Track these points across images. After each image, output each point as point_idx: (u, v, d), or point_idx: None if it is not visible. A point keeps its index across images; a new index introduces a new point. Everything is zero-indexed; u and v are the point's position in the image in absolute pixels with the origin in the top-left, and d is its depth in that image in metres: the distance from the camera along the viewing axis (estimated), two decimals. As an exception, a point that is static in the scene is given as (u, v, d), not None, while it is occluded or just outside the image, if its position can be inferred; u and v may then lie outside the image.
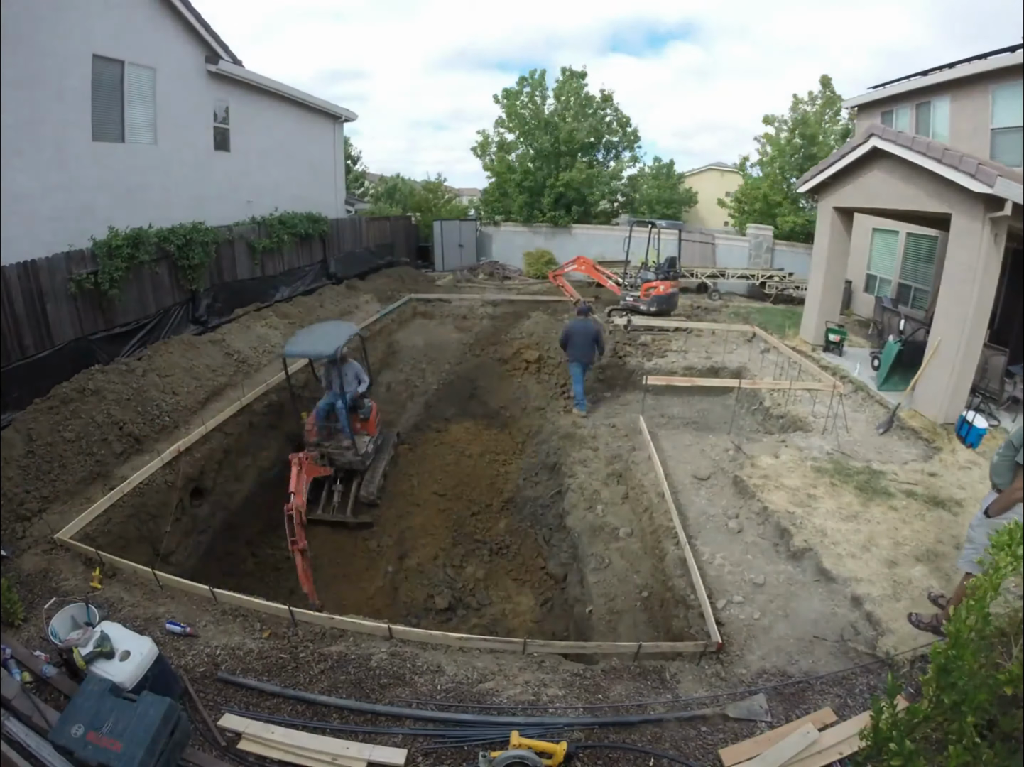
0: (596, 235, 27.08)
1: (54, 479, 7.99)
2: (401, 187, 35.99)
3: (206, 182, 15.32)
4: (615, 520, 9.01)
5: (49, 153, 10.82)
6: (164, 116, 13.61)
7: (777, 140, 24.75)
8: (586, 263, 19.51)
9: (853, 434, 10.10)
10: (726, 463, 9.29)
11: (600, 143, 27.91)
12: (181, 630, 5.76)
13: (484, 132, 28.26)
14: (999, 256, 9.37)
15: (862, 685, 5.14)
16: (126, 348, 11.09)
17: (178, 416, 10.25)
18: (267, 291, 16.18)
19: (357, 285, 20.64)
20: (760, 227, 24.18)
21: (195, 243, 12.64)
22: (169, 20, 13.46)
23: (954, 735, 3.13)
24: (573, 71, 26.57)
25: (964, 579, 5.26)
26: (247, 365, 12.76)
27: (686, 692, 5.18)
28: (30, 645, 5.36)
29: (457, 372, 16.30)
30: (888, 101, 17.56)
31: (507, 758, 4.10)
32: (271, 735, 4.57)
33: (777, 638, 5.79)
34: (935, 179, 9.92)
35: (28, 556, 6.84)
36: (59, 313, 9.69)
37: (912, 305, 16.18)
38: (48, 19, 10.41)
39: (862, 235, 17.56)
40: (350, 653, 5.59)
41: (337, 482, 10.82)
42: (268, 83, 17.41)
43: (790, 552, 7.02)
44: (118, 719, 3.84)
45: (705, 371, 13.87)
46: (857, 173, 12.62)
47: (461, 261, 27.48)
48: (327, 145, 22.09)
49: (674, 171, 36.97)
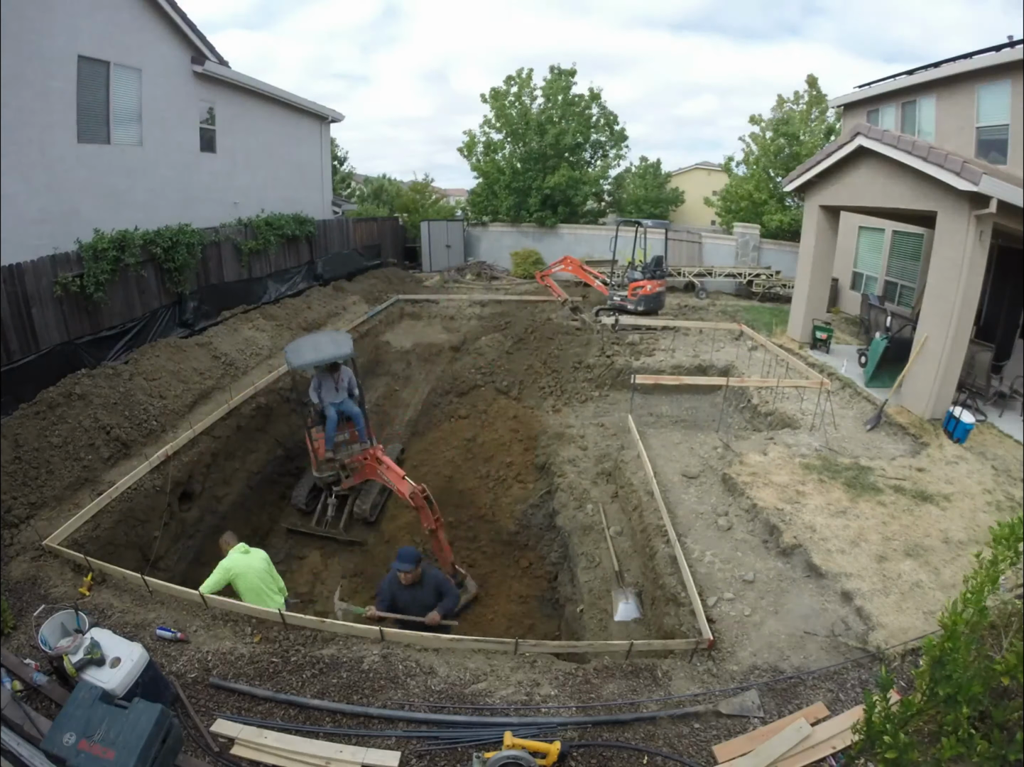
0: (583, 235, 27.15)
1: (41, 485, 7.91)
2: (388, 188, 35.88)
3: (192, 184, 15.22)
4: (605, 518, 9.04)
5: (34, 155, 10.72)
6: (150, 117, 13.52)
7: (763, 139, 24.87)
8: (573, 263, 19.53)
9: (841, 431, 10.16)
10: (715, 461, 9.32)
11: (587, 142, 27.89)
12: (172, 636, 5.72)
13: (471, 132, 28.25)
14: (984, 253, 9.46)
15: (854, 679, 5.18)
16: (112, 352, 10.99)
17: (165, 420, 10.18)
18: (254, 293, 16.10)
19: (344, 286, 20.57)
20: (747, 226, 24.29)
21: (181, 245, 12.55)
22: (155, 20, 13.37)
23: (948, 727, 3.16)
24: (562, 69, 26.53)
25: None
26: (234, 368, 12.68)
27: (678, 690, 5.19)
28: (20, 653, 5.31)
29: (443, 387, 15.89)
30: (874, 100, 17.69)
31: (501, 758, 4.09)
32: (264, 740, 4.55)
33: (768, 634, 5.82)
34: (921, 177, 10.00)
35: (16, 563, 6.77)
36: (45, 317, 9.60)
37: (899, 302, 16.32)
38: (33, 20, 10.32)
39: (848, 233, 17.68)
40: (342, 656, 5.57)
41: (332, 496, 10.68)
42: (254, 84, 17.32)
43: (780, 548, 7.06)
44: (110, 727, 3.80)
45: (693, 370, 13.92)
46: (843, 172, 12.71)
47: (449, 262, 27.44)
48: (314, 146, 22.01)
49: (660, 170, 37.13)
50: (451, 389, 14.88)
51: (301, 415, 10.94)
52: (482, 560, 9.84)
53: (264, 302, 16.37)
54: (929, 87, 15.14)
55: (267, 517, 10.99)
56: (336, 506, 10.65)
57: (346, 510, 10.66)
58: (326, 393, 10.29)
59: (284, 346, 11.95)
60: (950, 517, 7.41)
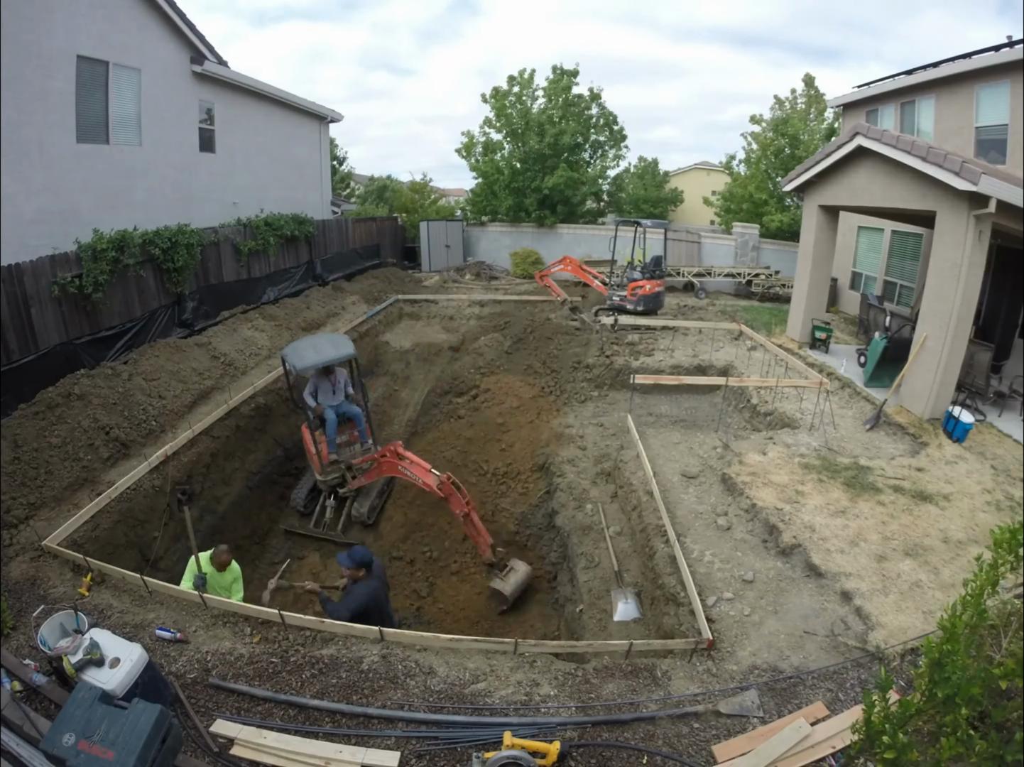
0: (582, 235, 27.14)
1: (41, 485, 7.91)
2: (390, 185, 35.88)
3: (191, 183, 15.22)
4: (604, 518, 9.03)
5: (33, 155, 10.72)
6: (149, 117, 13.52)
7: (763, 138, 24.86)
8: (572, 263, 19.53)
9: (840, 430, 10.16)
10: (714, 461, 9.32)
11: (587, 142, 27.86)
12: (171, 636, 5.72)
13: (469, 133, 28.22)
14: (984, 253, 9.46)
15: (853, 679, 5.18)
16: (112, 352, 10.99)
17: (165, 420, 10.18)
18: (253, 293, 16.09)
19: (344, 286, 20.55)
20: (746, 225, 24.27)
21: (180, 245, 12.54)
22: (154, 20, 13.37)
23: (947, 727, 3.16)
24: (564, 69, 26.43)
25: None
26: (233, 368, 12.68)
27: (678, 689, 5.20)
28: (19, 654, 5.31)
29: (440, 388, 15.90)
30: (873, 100, 17.68)
31: (500, 759, 4.10)
32: (263, 740, 4.55)
33: (768, 634, 5.82)
34: (920, 177, 10.00)
35: (16, 563, 6.77)
36: (44, 317, 9.60)
37: (898, 302, 16.32)
38: (32, 19, 10.31)
39: (848, 233, 17.69)
40: (341, 656, 5.57)
41: (331, 498, 10.68)
42: (253, 84, 17.32)
43: (779, 548, 7.06)
44: (109, 727, 3.80)
45: (692, 369, 13.92)
46: (842, 171, 12.71)
47: (448, 261, 27.43)
48: (313, 146, 22.02)
49: (659, 170, 37.15)
50: (450, 389, 14.88)
51: (303, 417, 10.89)
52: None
53: (263, 302, 16.37)
54: (928, 87, 15.13)
55: (266, 517, 10.99)
56: (334, 508, 10.67)
57: (344, 512, 10.67)
58: (323, 396, 10.27)
59: (283, 346, 11.94)
60: (949, 517, 7.41)
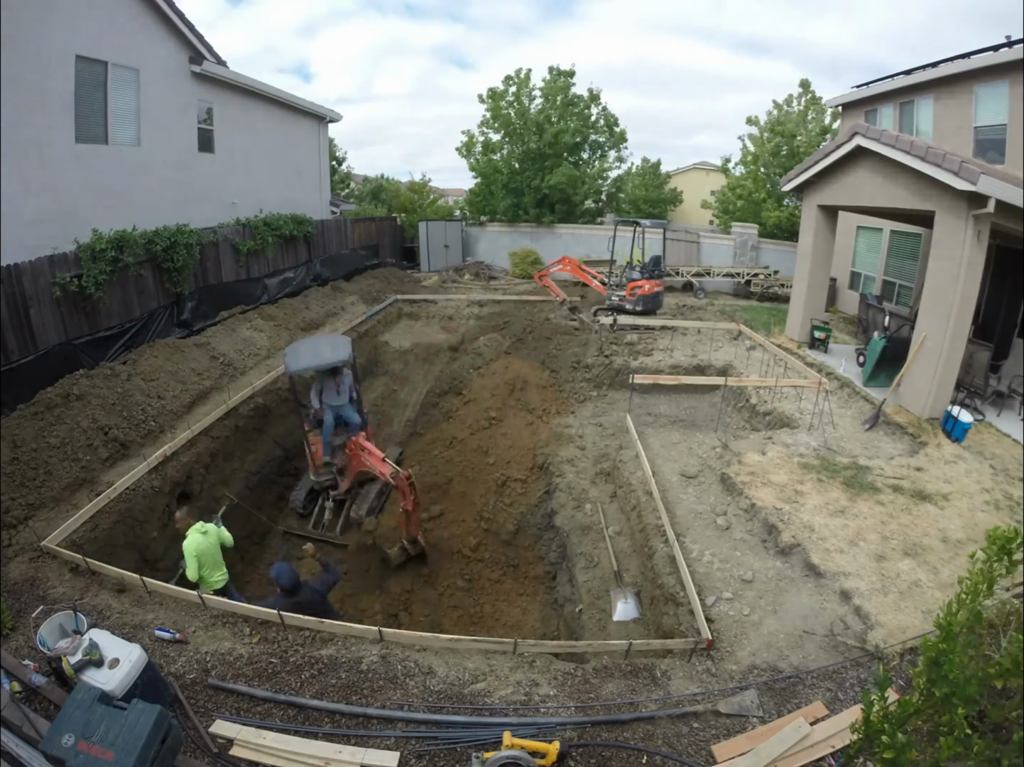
0: (581, 235, 27.11)
1: (39, 486, 7.90)
2: (387, 186, 35.86)
3: (190, 183, 15.19)
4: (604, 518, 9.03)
5: (32, 155, 10.69)
6: (148, 117, 13.48)
7: (760, 140, 24.88)
8: (571, 263, 19.50)
9: (839, 430, 10.17)
10: (713, 460, 9.33)
11: (586, 143, 27.84)
12: (171, 636, 5.72)
13: (469, 132, 28.20)
14: (983, 253, 9.47)
15: (852, 678, 5.19)
16: (111, 352, 10.97)
17: (164, 420, 10.17)
18: (252, 293, 16.06)
19: (342, 286, 20.55)
20: (745, 225, 24.28)
21: (179, 245, 12.52)
22: (153, 20, 13.34)
23: (945, 727, 3.17)
24: (560, 70, 26.44)
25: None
26: (232, 368, 12.67)
27: (677, 689, 5.20)
28: (19, 654, 5.30)
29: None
30: (872, 100, 17.68)
31: (500, 758, 4.10)
32: (263, 740, 4.55)
33: (767, 634, 5.83)
34: (919, 177, 10.00)
35: (15, 564, 6.77)
36: (43, 317, 9.58)
37: (897, 302, 16.32)
38: (30, 19, 10.28)
39: (846, 233, 17.68)
40: (340, 656, 5.57)
41: (330, 499, 10.70)
42: (252, 84, 17.29)
43: (778, 548, 7.07)
44: (109, 727, 3.80)
45: (691, 369, 13.92)
46: (841, 171, 12.71)
47: (447, 261, 27.41)
48: (312, 146, 21.99)
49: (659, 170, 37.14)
50: (450, 389, 14.86)
51: (300, 417, 10.88)
52: (482, 559, 9.85)
53: (262, 302, 16.34)
54: (927, 87, 15.13)
55: (265, 517, 10.98)
56: (333, 509, 10.69)
57: (343, 514, 10.68)
58: (327, 396, 10.29)
59: (283, 346, 11.93)
60: (948, 516, 7.42)
